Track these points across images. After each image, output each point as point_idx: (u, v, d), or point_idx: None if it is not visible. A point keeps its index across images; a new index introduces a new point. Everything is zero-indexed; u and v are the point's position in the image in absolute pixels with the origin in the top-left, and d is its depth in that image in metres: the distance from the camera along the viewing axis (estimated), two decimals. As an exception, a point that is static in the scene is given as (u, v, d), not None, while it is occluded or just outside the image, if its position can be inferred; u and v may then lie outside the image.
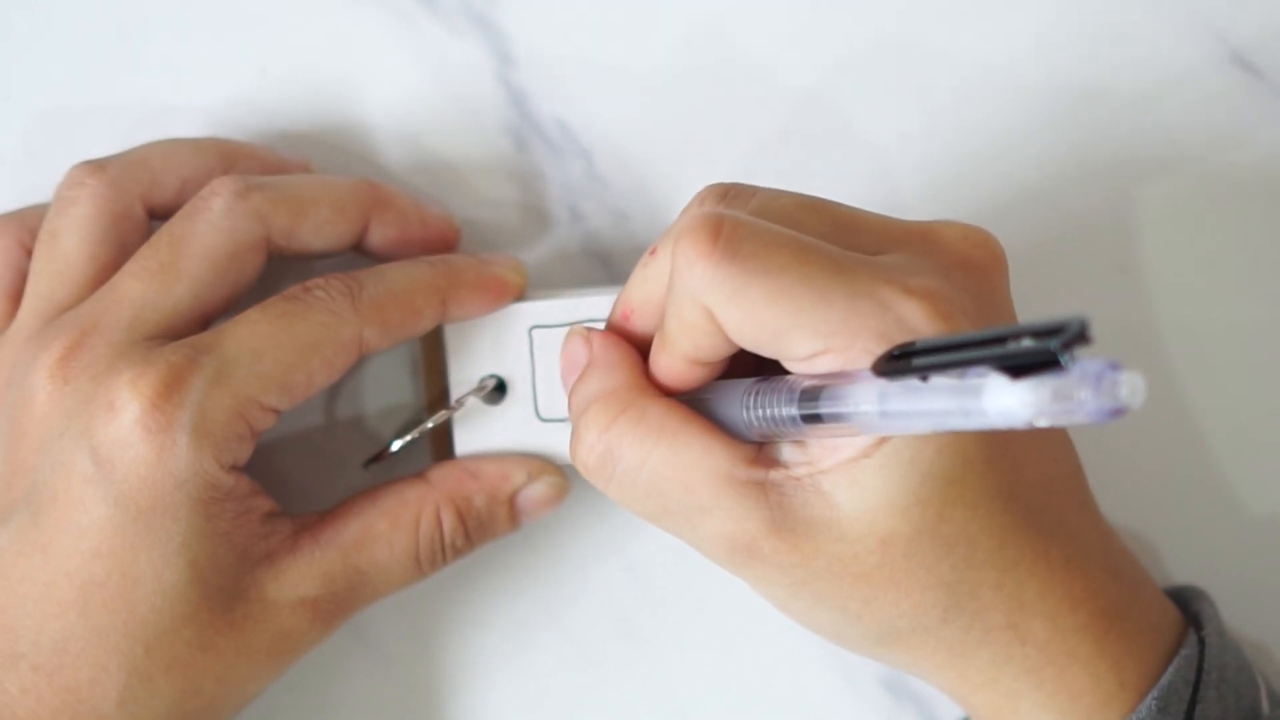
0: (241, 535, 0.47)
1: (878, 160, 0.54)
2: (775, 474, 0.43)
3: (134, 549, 0.46)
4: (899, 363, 0.37)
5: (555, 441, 0.51)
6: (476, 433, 0.51)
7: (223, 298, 0.49)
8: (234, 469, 0.47)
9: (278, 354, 0.47)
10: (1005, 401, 0.34)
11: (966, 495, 0.43)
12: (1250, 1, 0.55)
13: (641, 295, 0.46)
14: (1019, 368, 0.34)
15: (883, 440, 0.41)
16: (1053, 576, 0.44)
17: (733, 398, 0.44)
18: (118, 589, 0.46)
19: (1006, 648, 0.44)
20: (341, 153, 0.55)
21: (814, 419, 0.41)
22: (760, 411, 0.42)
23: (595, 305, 0.51)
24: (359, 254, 0.52)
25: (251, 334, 0.47)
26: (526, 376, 0.51)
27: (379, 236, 0.51)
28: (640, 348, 0.47)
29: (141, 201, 0.50)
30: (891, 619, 0.44)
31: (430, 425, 0.51)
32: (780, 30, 0.55)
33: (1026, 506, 0.44)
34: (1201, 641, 0.46)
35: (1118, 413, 0.34)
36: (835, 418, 0.40)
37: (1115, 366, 0.34)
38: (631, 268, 0.55)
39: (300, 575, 0.48)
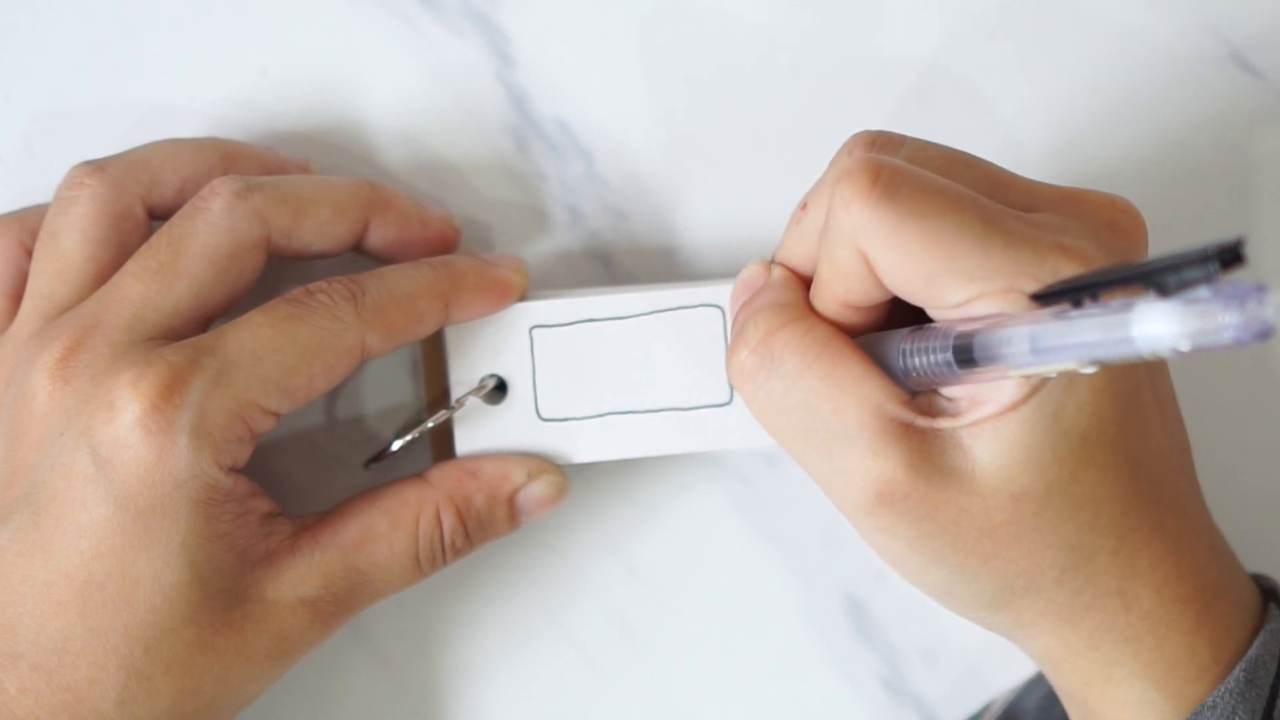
0: (241, 536, 0.47)
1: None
2: (921, 421, 0.44)
3: (134, 549, 0.46)
4: (1055, 294, 0.39)
5: (555, 441, 0.51)
6: (477, 433, 0.51)
7: (223, 298, 0.49)
8: (233, 470, 0.47)
9: (278, 357, 0.47)
10: (1153, 326, 0.35)
11: (1099, 458, 0.44)
12: (1250, 1, 0.55)
13: (799, 251, 0.47)
14: (1170, 289, 0.35)
15: (1029, 395, 0.42)
16: (1165, 547, 0.45)
17: (888, 346, 0.44)
18: (117, 589, 0.46)
19: (1112, 615, 0.45)
20: (341, 153, 0.55)
21: (968, 362, 0.42)
22: (915, 359, 0.43)
23: (595, 305, 0.51)
24: (359, 254, 0.52)
25: (253, 336, 0.47)
26: (527, 376, 0.51)
27: (379, 237, 0.51)
28: None
29: (141, 201, 0.50)
30: (1009, 577, 0.44)
31: (430, 425, 0.51)
32: (780, 30, 0.55)
33: (1148, 476, 0.45)
34: None
35: (1264, 334, 0.34)
36: (989, 359, 0.41)
37: (1262, 288, 0.34)
38: (631, 267, 0.55)
39: (300, 576, 0.48)
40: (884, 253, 0.43)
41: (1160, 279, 0.36)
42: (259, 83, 0.55)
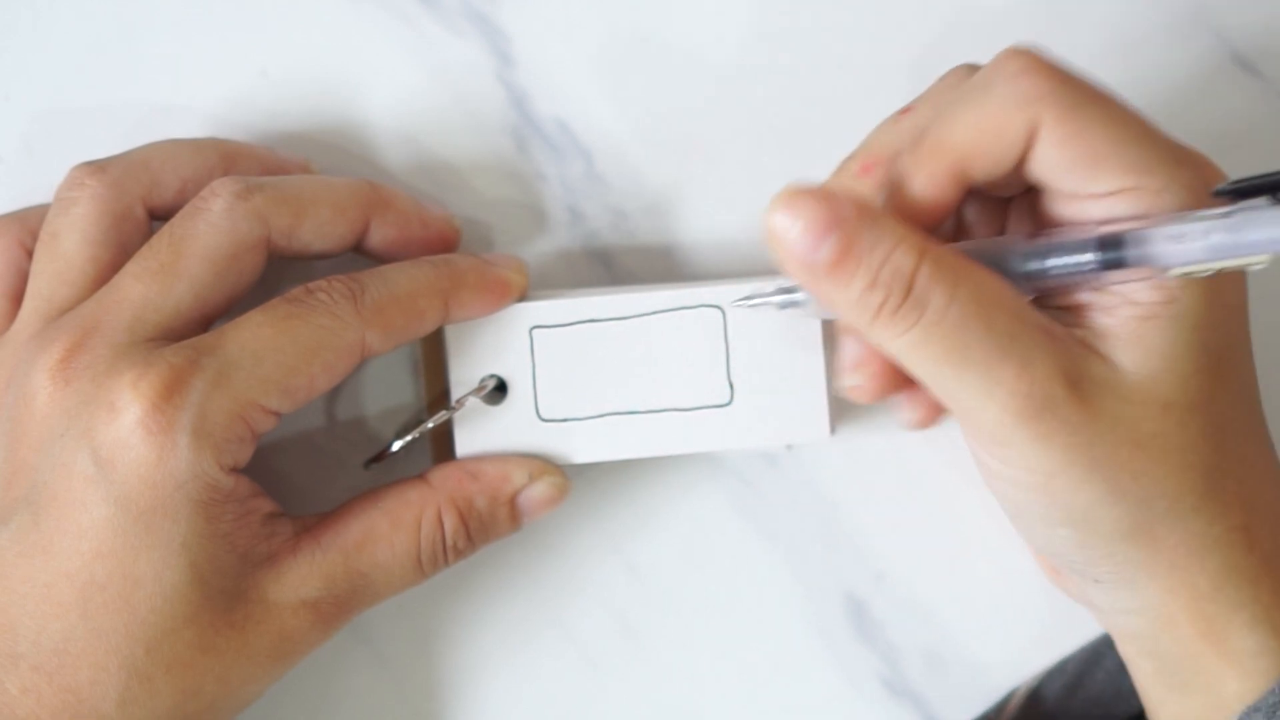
0: (242, 537, 0.47)
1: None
2: (1059, 328, 0.44)
3: (135, 550, 0.46)
4: (1249, 189, 0.41)
5: (556, 442, 0.51)
6: (477, 433, 0.51)
7: (223, 298, 0.49)
8: (234, 470, 0.47)
9: (279, 357, 0.47)
10: None
11: (1231, 379, 0.44)
12: (1250, 1, 0.55)
13: (892, 147, 0.47)
14: None
15: (1172, 302, 0.43)
16: (1276, 489, 0.46)
17: (1007, 250, 0.44)
18: (118, 590, 0.46)
19: (1237, 552, 0.45)
20: (341, 153, 0.55)
21: (1116, 264, 0.42)
22: (1049, 261, 0.43)
23: (596, 305, 0.51)
24: (359, 254, 0.52)
25: (253, 336, 0.47)
26: (527, 377, 0.51)
27: (379, 237, 0.51)
28: None
29: (142, 202, 0.50)
30: (1153, 498, 0.44)
31: (431, 425, 0.51)
32: (781, 30, 0.55)
33: (1259, 414, 0.46)
34: None
35: None
36: (1142, 258, 0.42)
37: None
38: (631, 267, 0.55)
39: (301, 577, 0.48)
40: (1062, 124, 0.43)
41: None
42: (259, 83, 0.55)
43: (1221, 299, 0.44)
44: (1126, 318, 0.44)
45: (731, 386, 0.51)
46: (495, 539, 0.51)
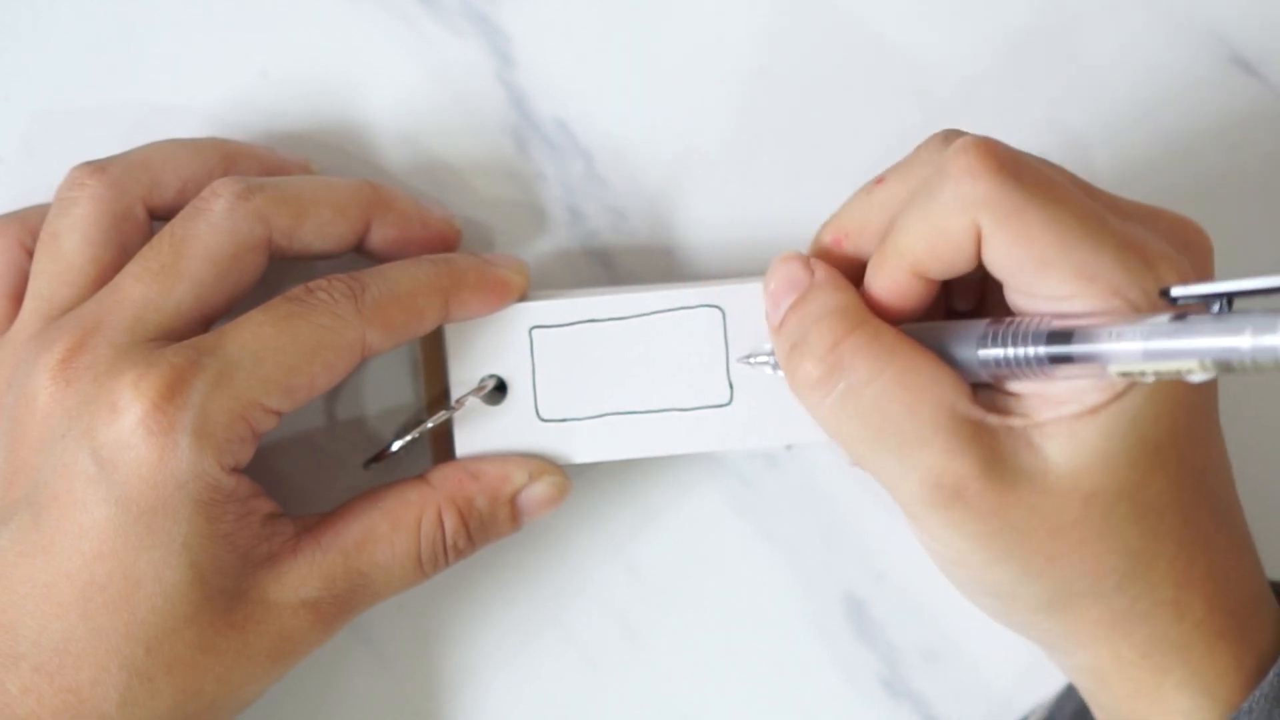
0: (243, 537, 0.47)
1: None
2: (993, 418, 0.44)
3: (135, 550, 0.46)
4: (1192, 297, 0.40)
5: (555, 442, 0.51)
6: (476, 433, 0.51)
7: (224, 299, 0.49)
8: (235, 470, 0.47)
9: (280, 356, 0.47)
10: None
11: (1168, 466, 0.44)
12: (1250, 1, 0.55)
13: (863, 220, 0.47)
14: None
15: (1112, 400, 0.43)
16: (1219, 558, 0.46)
17: (963, 335, 0.44)
18: (119, 590, 0.46)
19: (1165, 623, 0.45)
20: (341, 153, 0.55)
21: (1062, 358, 0.42)
22: (1000, 350, 0.43)
23: (595, 306, 0.51)
24: (359, 255, 0.52)
25: (254, 336, 0.47)
26: (527, 377, 0.51)
27: (380, 237, 0.51)
28: (847, 274, 0.47)
29: (142, 202, 0.50)
30: (1070, 579, 0.45)
31: (430, 425, 0.51)
32: (778, 29, 0.55)
33: (1209, 487, 0.45)
34: None
35: None
36: (1089, 356, 0.41)
37: None
38: (631, 267, 0.55)
39: (301, 577, 0.48)
40: (1002, 229, 0.43)
41: None
42: (259, 83, 0.55)
43: (1167, 392, 0.43)
44: (1066, 414, 0.43)
45: (731, 386, 0.51)
46: (495, 539, 0.51)
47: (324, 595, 0.48)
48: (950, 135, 0.46)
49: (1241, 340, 0.37)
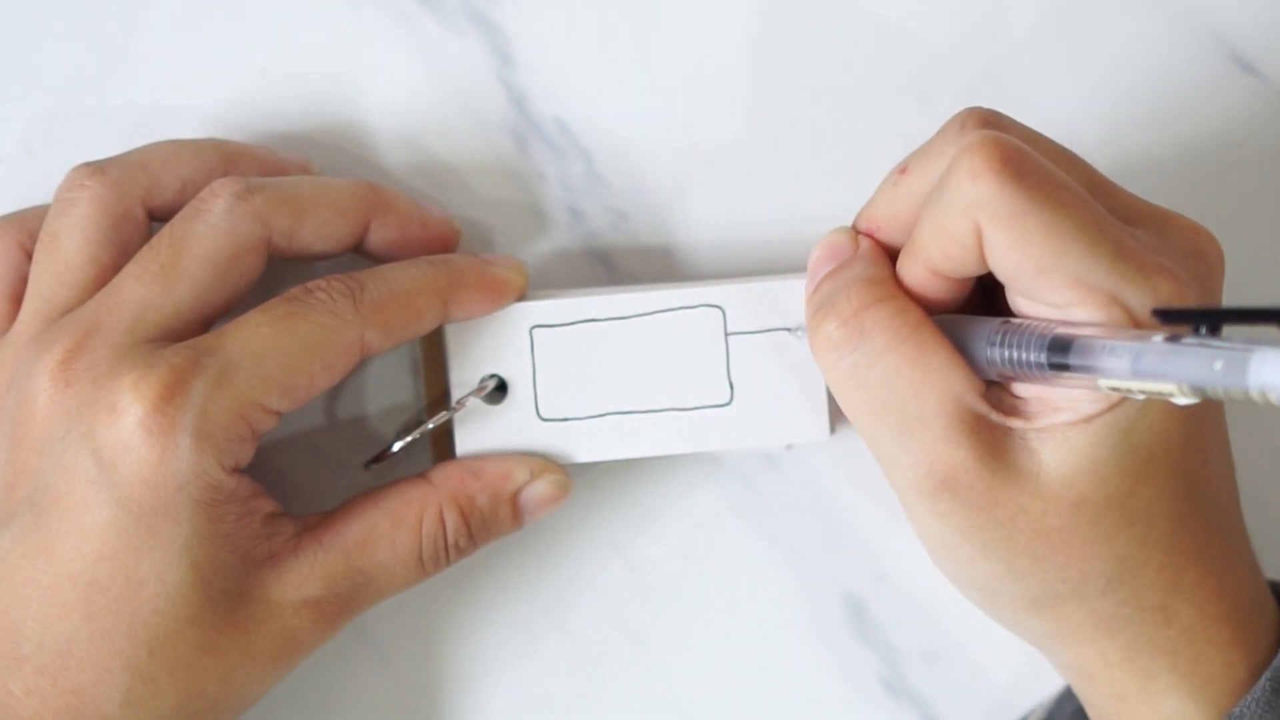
0: (244, 537, 0.47)
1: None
2: (996, 417, 0.44)
3: (137, 551, 0.46)
4: (1177, 317, 0.39)
5: (556, 441, 0.51)
6: (477, 433, 0.51)
7: (223, 299, 0.49)
8: (236, 471, 0.47)
9: (279, 356, 0.47)
10: (1274, 372, 0.36)
11: (1159, 476, 0.44)
12: (1250, 2, 0.55)
13: (891, 211, 0.47)
14: None
15: (1106, 410, 0.43)
16: (1209, 566, 0.45)
17: (977, 332, 0.45)
18: (121, 591, 0.46)
19: (1151, 628, 0.45)
20: (341, 153, 0.55)
21: (1061, 367, 0.42)
22: (1005, 351, 0.43)
23: (596, 305, 0.51)
24: (359, 255, 0.52)
25: (253, 336, 0.47)
26: (527, 376, 0.51)
27: (379, 238, 0.51)
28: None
29: (142, 203, 0.50)
30: (1054, 582, 0.45)
31: (431, 425, 0.51)
32: (778, 29, 0.55)
33: (1202, 496, 0.45)
34: None
35: None
36: (1084, 366, 0.41)
37: None
38: (631, 267, 0.55)
39: (303, 576, 0.48)
40: (1002, 232, 0.43)
41: None
42: (259, 83, 0.55)
43: (1163, 405, 0.43)
44: (1064, 418, 0.43)
45: (731, 386, 0.51)
46: (497, 537, 0.51)
47: (326, 594, 0.48)
48: (970, 117, 0.46)
49: (1214, 371, 0.37)
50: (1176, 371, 0.38)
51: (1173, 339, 0.39)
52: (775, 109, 0.55)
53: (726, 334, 0.51)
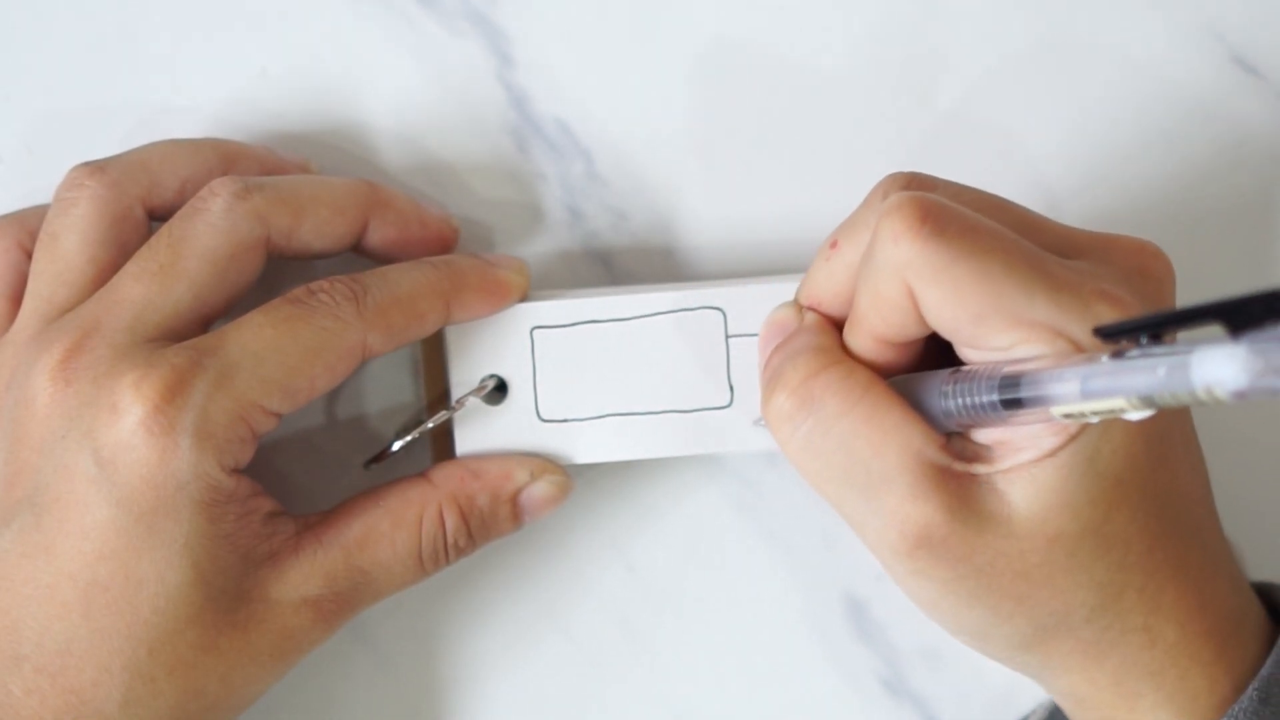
0: (244, 536, 0.47)
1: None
2: (959, 466, 0.44)
3: (137, 551, 0.46)
4: (1117, 332, 0.39)
5: (556, 442, 0.51)
6: (477, 433, 0.51)
7: (223, 298, 0.49)
8: (236, 471, 0.47)
9: (280, 358, 0.47)
10: (1215, 369, 0.35)
11: (1131, 497, 0.44)
12: (1250, 2, 0.55)
13: (829, 286, 0.47)
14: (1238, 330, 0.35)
15: (1067, 441, 0.43)
16: (1188, 583, 0.46)
17: (929, 386, 0.44)
18: (121, 591, 0.46)
19: (1137, 650, 0.46)
20: (341, 153, 0.55)
21: (1013, 404, 0.42)
22: (957, 400, 0.43)
23: (596, 306, 0.51)
24: (358, 254, 0.52)
25: (254, 337, 0.47)
26: (527, 377, 0.51)
27: (378, 237, 0.51)
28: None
29: (141, 203, 0.50)
30: (1041, 618, 0.45)
31: (431, 425, 0.51)
32: (778, 29, 0.55)
33: (1175, 513, 0.45)
34: None
35: None
36: (1036, 400, 0.41)
37: None
38: (631, 267, 0.55)
39: (303, 575, 0.48)
40: (932, 288, 0.43)
41: (1230, 319, 0.36)
42: (259, 83, 0.55)
43: (1122, 425, 0.43)
44: (1027, 456, 0.43)
45: (732, 388, 0.51)
46: (496, 537, 0.51)
47: (325, 593, 0.48)
48: (892, 184, 0.46)
49: (1158, 378, 0.37)
50: (1123, 385, 0.38)
51: (1117, 355, 0.39)
52: (776, 109, 0.55)
53: (727, 336, 0.51)
